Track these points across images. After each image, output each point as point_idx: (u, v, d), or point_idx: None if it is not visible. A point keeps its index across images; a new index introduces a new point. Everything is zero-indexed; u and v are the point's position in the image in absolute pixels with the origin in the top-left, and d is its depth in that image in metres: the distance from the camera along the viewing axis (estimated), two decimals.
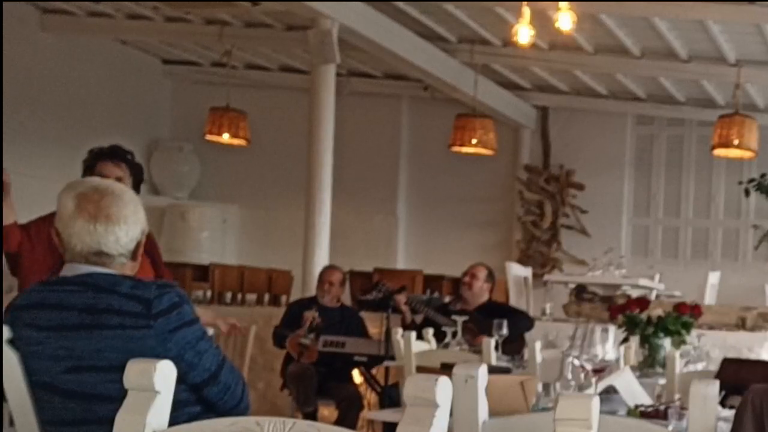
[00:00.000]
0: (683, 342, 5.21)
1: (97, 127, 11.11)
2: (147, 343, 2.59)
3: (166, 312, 2.61)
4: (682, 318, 5.25)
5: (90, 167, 4.34)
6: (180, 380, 2.65)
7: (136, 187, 4.36)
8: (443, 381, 1.65)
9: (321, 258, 8.42)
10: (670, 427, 3.13)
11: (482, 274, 7.14)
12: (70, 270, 2.70)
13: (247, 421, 1.74)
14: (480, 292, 7.10)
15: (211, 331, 3.66)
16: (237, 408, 2.83)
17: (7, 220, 4.24)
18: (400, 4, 8.95)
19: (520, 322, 6.86)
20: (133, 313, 2.60)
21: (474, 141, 10.20)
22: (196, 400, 2.77)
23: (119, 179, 4.20)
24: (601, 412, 1.73)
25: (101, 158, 4.34)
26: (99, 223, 2.66)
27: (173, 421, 1.88)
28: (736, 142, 9.24)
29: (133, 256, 2.74)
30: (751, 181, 10.57)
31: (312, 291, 7.90)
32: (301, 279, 8.67)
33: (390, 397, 6.50)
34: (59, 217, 2.70)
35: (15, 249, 4.23)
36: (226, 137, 10.19)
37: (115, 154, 4.36)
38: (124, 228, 2.68)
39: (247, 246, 12.71)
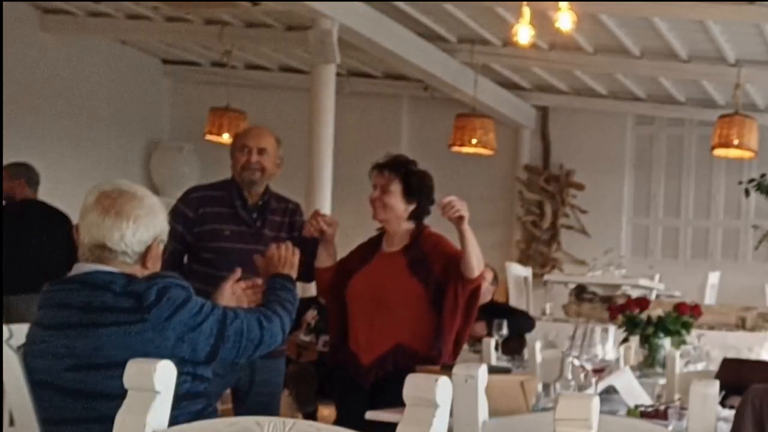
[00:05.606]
0: (683, 342, 5.21)
1: (97, 127, 11.11)
2: (145, 336, 2.60)
3: (157, 302, 2.63)
4: (682, 318, 5.25)
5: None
6: (189, 362, 2.67)
7: (409, 194, 4.51)
8: (443, 381, 1.66)
9: None
10: (670, 427, 3.13)
11: (488, 276, 7.14)
12: (76, 269, 2.73)
13: (247, 421, 1.75)
14: (484, 294, 7.10)
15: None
16: (262, 342, 2.84)
17: (322, 264, 4.37)
18: (400, 4, 8.94)
19: (521, 322, 6.86)
20: (126, 308, 2.62)
21: (474, 141, 10.19)
22: (202, 391, 2.78)
23: (383, 187, 4.48)
24: (601, 412, 1.73)
25: (375, 169, 4.59)
26: (108, 217, 2.68)
27: (174, 420, 1.88)
28: (736, 142, 9.23)
29: (142, 261, 2.74)
30: (751, 181, 10.55)
31: (312, 291, 7.89)
32: None
33: None
34: (80, 212, 2.74)
35: (326, 296, 4.37)
36: (226, 137, 10.17)
37: (384, 164, 4.59)
38: (132, 226, 2.68)
39: None
